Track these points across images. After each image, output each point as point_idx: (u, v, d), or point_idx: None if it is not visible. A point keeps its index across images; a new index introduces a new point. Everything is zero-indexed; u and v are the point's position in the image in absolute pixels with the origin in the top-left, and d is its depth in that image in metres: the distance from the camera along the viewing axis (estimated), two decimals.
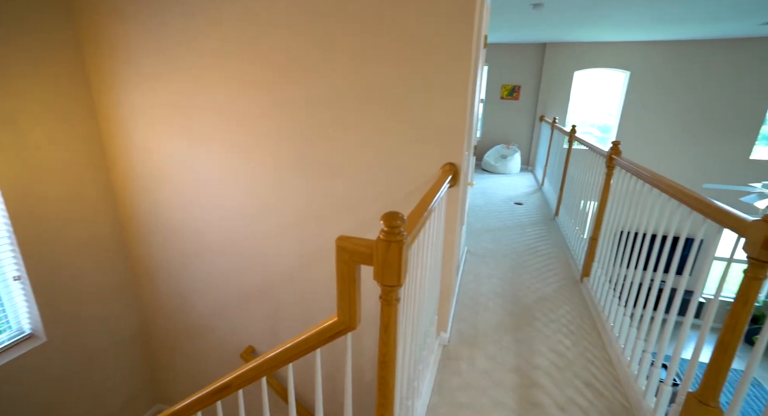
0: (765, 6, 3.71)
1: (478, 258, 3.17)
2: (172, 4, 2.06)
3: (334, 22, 1.82)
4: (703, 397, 1.26)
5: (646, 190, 1.99)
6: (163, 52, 2.19)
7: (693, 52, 5.88)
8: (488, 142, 7.42)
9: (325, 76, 1.92)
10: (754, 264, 1.13)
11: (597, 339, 2.19)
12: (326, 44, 1.87)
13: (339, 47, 1.85)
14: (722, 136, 6.02)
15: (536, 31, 5.46)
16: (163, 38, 2.15)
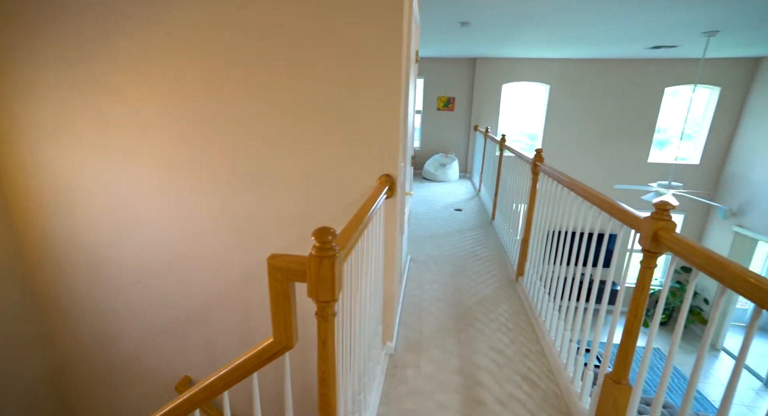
0: (649, 34, 4.32)
1: (421, 264, 3.26)
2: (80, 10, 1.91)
3: (265, 36, 1.80)
4: (616, 377, 1.41)
5: (565, 193, 2.20)
6: (73, 62, 2.00)
7: (599, 68, 6.64)
8: (428, 151, 7.70)
9: (258, 90, 1.88)
10: (647, 256, 1.30)
11: (532, 333, 2.35)
12: (256, 57, 1.84)
13: (271, 61, 1.84)
14: (626, 143, 6.83)
15: (466, 47, 5.83)
16: (73, 46, 1.98)
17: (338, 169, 1.91)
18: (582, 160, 7.06)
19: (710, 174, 6.67)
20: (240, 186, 2.05)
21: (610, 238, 6.42)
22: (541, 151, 2.78)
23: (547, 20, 3.93)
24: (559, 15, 3.70)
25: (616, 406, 1.42)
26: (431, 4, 3.44)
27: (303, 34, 1.77)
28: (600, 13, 3.59)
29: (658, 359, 6.12)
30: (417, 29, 2.62)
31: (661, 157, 7.01)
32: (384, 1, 1.67)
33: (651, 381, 5.63)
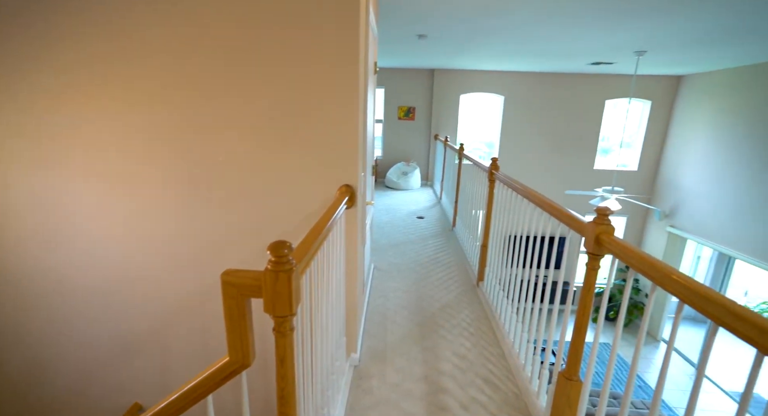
0: (589, 51, 4.69)
1: (385, 273, 3.27)
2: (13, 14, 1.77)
3: (219, 45, 1.76)
4: (568, 373, 1.48)
5: (519, 199, 2.31)
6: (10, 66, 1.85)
7: (548, 81, 7.08)
8: (390, 160, 7.79)
9: (211, 100, 1.83)
10: (591, 257, 1.39)
11: (492, 337, 2.43)
12: (208, 67, 1.79)
13: (225, 71, 1.79)
14: (574, 151, 7.30)
15: (425, 58, 6.00)
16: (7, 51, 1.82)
17: (297, 181, 1.89)
18: (536, 167, 7.44)
19: (647, 179, 7.27)
20: (192, 199, 1.97)
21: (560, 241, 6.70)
22: (496, 159, 2.91)
23: (499, 36, 4.15)
24: (510, 31, 3.92)
25: (569, 401, 1.49)
26: (390, 17, 3.52)
27: (258, 44, 1.75)
28: (546, 32, 3.85)
29: (607, 351, 6.49)
30: (375, 41, 2.67)
31: (606, 163, 7.55)
32: (340, 13, 1.69)
33: (603, 374, 5.96)
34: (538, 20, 3.43)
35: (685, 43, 4.14)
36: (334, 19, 1.70)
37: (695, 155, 6.30)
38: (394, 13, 3.38)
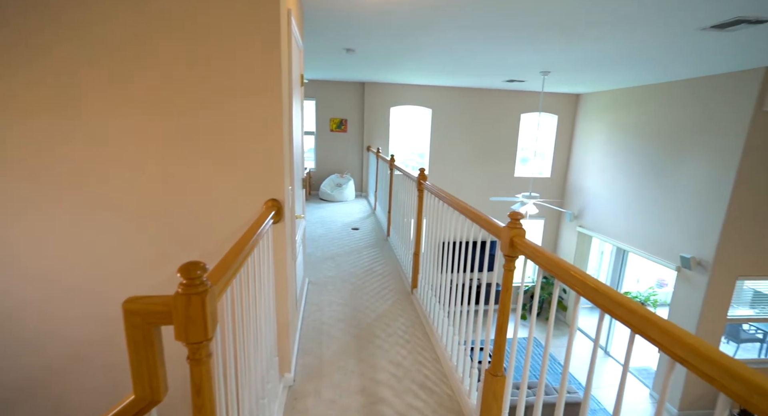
0: (504, 69, 5.15)
1: (320, 286, 3.22)
2: None
3: (131, 53, 1.62)
4: (493, 370, 1.58)
5: (445, 207, 2.43)
6: None
7: (471, 96, 7.60)
8: (323, 172, 7.73)
9: (123, 111, 1.67)
10: (507, 259, 1.51)
11: (427, 342, 2.49)
12: (120, 75, 1.64)
13: (139, 80, 1.65)
14: (497, 160, 7.90)
15: (355, 71, 6.10)
16: None
17: (219, 197, 1.79)
18: (464, 176, 7.90)
19: (558, 185, 8.10)
20: (97, 219, 1.76)
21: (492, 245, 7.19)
22: (423, 170, 3.04)
23: (422, 53, 4.38)
24: (431, 49, 4.15)
25: (495, 396, 1.58)
26: (316, 30, 3.53)
27: (176, 54, 1.65)
28: (465, 51, 4.15)
29: (535, 346, 7.04)
30: (301, 53, 2.66)
31: (525, 171, 8.27)
32: (260, 24, 1.66)
33: (532, 367, 6.42)
34: (457, 39, 3.69)
35: (578, 67, 4.74)
36: (254, 30, 1.66)
37: (594, 163, 7.19)
38: (321, 26, 3.40)
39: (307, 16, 3.06)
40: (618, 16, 2.74)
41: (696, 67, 4.45)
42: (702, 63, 4.22)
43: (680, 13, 2.62)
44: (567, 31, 3.18)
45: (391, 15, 2.98)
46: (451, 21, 3.07)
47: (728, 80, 4.67)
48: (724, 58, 3.95)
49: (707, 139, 4.95)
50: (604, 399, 5.77)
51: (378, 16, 3.04)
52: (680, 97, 5.35)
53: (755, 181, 4.62)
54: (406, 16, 3.00)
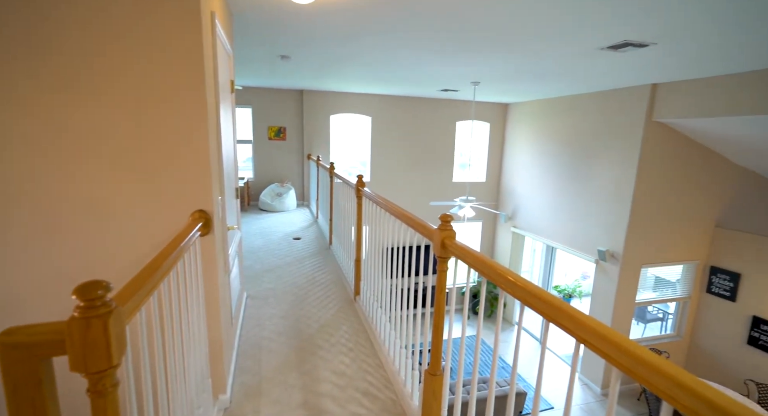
0: (438, 79, 5.39)
1: (260, 300, 3.08)
2: None
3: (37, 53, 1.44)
4: (432, 369, 1.62)
5: (382, 213, 2.46)
6: None
7: (409, 104, 7.83)
8: (263, 181, 7.47)
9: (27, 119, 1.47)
10: (440, 260, 1.57)
11: (370, 348, 2.49)
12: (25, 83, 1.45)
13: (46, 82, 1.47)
14: (436, 166, 8.20)
15: (293, 79, 6.00)
16: None
17: (138, 211, 1.65)
18: (405, 182, 8.08)
19: (493, 188, 8.62)
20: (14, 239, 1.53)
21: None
22: (362, 176, 3.06)
23: (357, 61, 4.43)
24: (366, 58, 4.22)
25: (435, 395, 1.62)
26: (249, 36, 3.42)
27: (89, 59, 1.49)
28: (398, 61, 4.27)
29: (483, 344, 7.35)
30: (230, 58, 2.56)
31: (463, 176, 8.68)
32: (180, 26, 1.57)
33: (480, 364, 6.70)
34: (390, 50, 3.79)
35: (504, 78, 5.11)
36: (173, 32, 1.57)
37: (523, 167, 7.76)
38: (253, 32, 3.30)
39: (237, 21, 2.96)
40: (532, 35, 3.01)
41: (600, 81, 5.01)
42: (604, 78, 4.77)
43: (581, 35, 2.95)
44: (491, 46, 3.42)
45: (323, 23, 2.99)
46: (382, 32, 3.15)
47: (625, 94, 5.33)
48: (621, 75, 4.50)
49: (612, 145, 5.59)
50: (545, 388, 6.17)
51: (310, 24, 3.03)
52: (589, 107, 5.99)
53: (651, 180, 5.29)
54: (338, 25, 3.02)
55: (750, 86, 3.95)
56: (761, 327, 5.24)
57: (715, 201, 5.72)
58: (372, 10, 2.66)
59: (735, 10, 2.29)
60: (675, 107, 4.77)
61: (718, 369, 5.73)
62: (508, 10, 2.50)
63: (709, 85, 4.35)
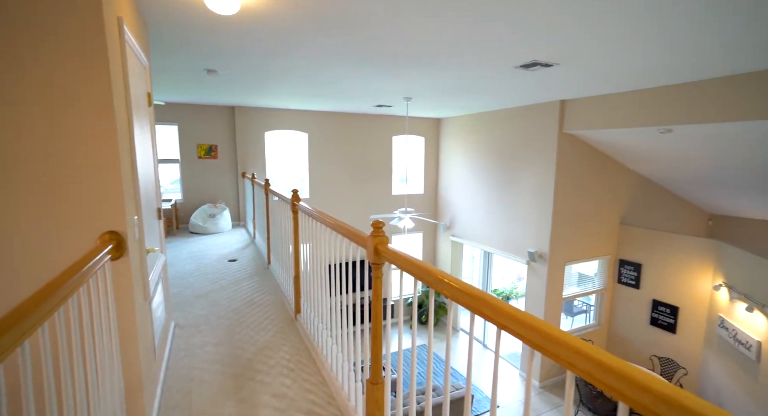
0: (371, 95, 5.54)
1: (190, 328, 2.84)
2: None
3: None
4: (373, 379, 1.61)
5: (318, 225, 2.43)
6: None
7: (346, 120, 7.91)
8: (194, 202, 7.00)
9: None
10: (374, 267, 1.58)
11: (313, 366, 2.41)
12: None
13: None
14: (375, 180, 8.33)
15: (223, 94, 5.77)
16: None
17: (36, 233, 1.45)
18: (345, 197, 8.08)
19: (431, 200, 8.94)
20: None
21: None
22: (297, 191, 3.00)
23: (289, 77, 4.41)
24: (299, 74, 4.22)
25: (378, 404, 1.61)
26: (167, 47, 3.25)
27: None
28: (334, 77, 4.32)
29: (425, 352, 7.44)
30: (145, 70, 2.40)
31: (401, 189, 8.90)
32: (79, 30, 1.44)
33: (425, 373, 6.75)
34: (321, 66, 3.83)
35: (434, 94, 5.40)
36: (75, 39, 1.44)
37: (458, 178, 8.17)
38: (171, 43, 3.14)
39: (154, 31, 2.80)
40: (455, 55, 3.24)
41: (519, 97, 5.51)
42: (522, 95, 5.25)
43: (497, 54, 3.23)
44: (420, 64, 3.61)
45: (251, 38, 2.94)
46: (313, 49, 3.18)
47: (541, 109, 5.91)
48: (535, 92, 5.00)
49: (533, 155, 6.13)
50: (487, 387, 6.39)
51: (236, 38, 2.96)
52: (512, 121, 6.54)
53: (567, 185, 5.87)
54: (266, 40, 2.99)
55: (638, 102, 4.60)
56: (659, 309, 5.98)
57: (619, 201, 6.50)
58: (301, 27, 2.68)
59: (620, 35, 2.68)
60: (580, 121, 5.38)
61: (631, 349, 6.40)
62: (431, 34, 2.67)
63: (605, 101, 4.98)
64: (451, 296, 1.08)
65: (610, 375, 0.64)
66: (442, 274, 1.15)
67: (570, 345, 0.71)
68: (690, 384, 5.76)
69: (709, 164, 5.26)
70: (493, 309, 0.92)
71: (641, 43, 2.82)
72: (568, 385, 0.78)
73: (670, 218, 7.19)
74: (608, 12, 2.28)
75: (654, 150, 5.39)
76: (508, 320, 0.86)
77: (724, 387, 5.08)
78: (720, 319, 5.16)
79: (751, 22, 2.37)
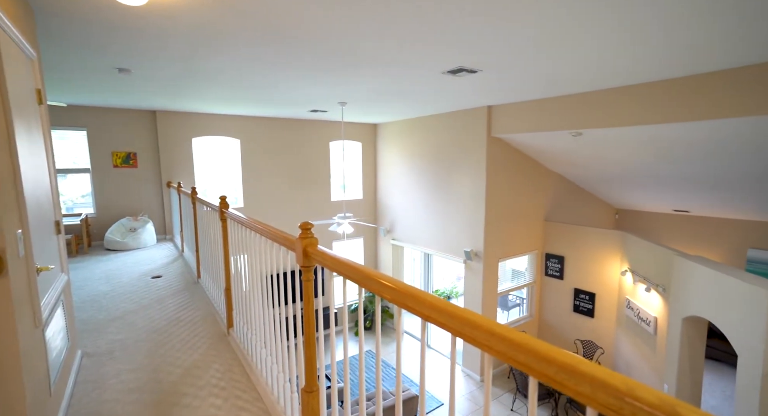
0: (305, 101, 5.43)
1: (102, 356, 2.52)
2: None
3: None
4: (308, 387, 1.54)
5: (247, 232, 2.30)
6: None
7: (281, 126, 7.67)
8: (110, 216, 6.30)
9: None
10: (304, 271, 1.52)
11: (247, 382, 2.26)
12: None
13: None
14: (313, 187, 8.17)
15: (141, 97, 5.28)
16: None
17: None
18: (282, 204, 7.81)
19: (371, 204, 8.99)
20: None
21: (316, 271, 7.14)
22: (225, 197, 2.82)
23: (217, 80, 4.16)
24: (226, 76, 4.00)
25: (314, 412, 1.54)
26: (68, 40, 2.89)
27: None
28: (263, 80, 4.16)
29: (371, 358, 7.41)
30: (33, 63, 2.11)
31: (341, 195, 8.83)
32: None
33: (371, 378, 6.71)
34: (248, 68, 3.67)
35: (368, 99, 5.45)
36: None
37: (396, 182, 8.32)
38: (71, 36, 2.81)
39: (41, 18, 2.46)
40: (386, 60, 3.29)
41: (450, 103, 5.77)
42: (453, 100, 5.51)
43: (424, 61, 3.35)
44: (353, 69, 3.62)
45: (165, 33, 2.73)
46: (238, 49, 3.03)
47: (471, 114, 6.25)
48: (464, 97, 5.27)
49: (466, 158, 6.45)
50: (433, 387, 6.52)
51: (148, 33, 2.73)
52: (445, 126, 6.83)
53: (497, 186, 6.26)
54: (184, 37, 2.80)
55: (554, 108, 5.05)
56: (580, 296, 6.59)
57: (543, 199, 7.07)
58: (222, 26, 2.54)
59: (535, 44, 2.91)
60: (504, 125, 5.78)
61: (559, 336, 6.96)
62: (358, 37, 2.69)
63: (526, 107, 5.41)
64: (377, 291, 1.07)
65: (519, 351, 0.66)
66: (369, 271, 1.14)
67: (485, 327, 0.73)
68: (606, 361, 6.39)
69: (616, 164, 5.94)
70: (415, 300, 0.92)
71: (552, 53, 3.10)
72: (487, 366, 0.80)
73: (585, 213, 7.99)
74: (518, 27, 2.48)
75: (568, 152, 5.96)
76: (431, 310, 0.87)
77: (632, 360, 5.71)
78: (627, 301, 5.81)
79: (646, 31, 2.72)
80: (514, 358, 0.67)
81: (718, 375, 6.84)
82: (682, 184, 5.90)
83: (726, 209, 6.46)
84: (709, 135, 4.08)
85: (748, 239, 6.66)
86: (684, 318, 4.46)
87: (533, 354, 0.64)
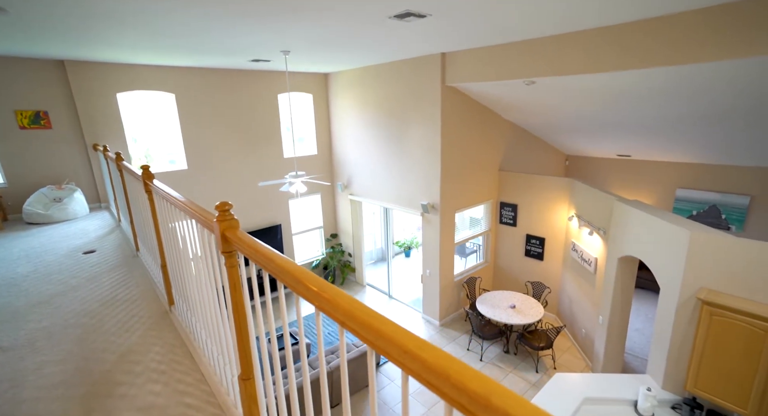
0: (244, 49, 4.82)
1: (21, 349, 2.29)
2: None
3: None
4: (244, 375, 1.45)
5: (173, 209, 2.06)
6: None
7: (221, 78, 6.91)
8: (24, 186, 5.60)
9: None
10: (226, 256, 1.36)
11: (191, 363, 2.15)
12: None
13: None
14: (263, 144, 7.66)
15: (37, 43, 4.44)
16: None
17: None
18: (231, 164, 7.31)
19: (326, 160, 8.66)
20: None
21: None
22: (147, 167, 2.51)
23: (131, 23, 3.53)
24: (137, 19, 3.38)
25: (252, 398, 1.47)
26: None
27: None
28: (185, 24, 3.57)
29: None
30: None
31: (294, 151, 8.38)
32: None
33: (334, 332, 6.90)
34: (166, 10, 3.11)
35: (312, 46, 4.94)
36: None
37: (351, 136, 7.98)
38: None
39: None
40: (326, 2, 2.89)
41: (402, 50, 5.38)
42: (404, 47, 5.12)
43: (368, 3, 2.99)
44: (291, 11, 3.16)
45: None
46: None
47: (424, 61, 5.91)
48: (417, 44, 4.91)
49: (420, 108, 6.22)
50: None
51: None
52: (399, 74, 6.45)
53: (451, 136, 6.15)
54: None
55: (508, 55, 4.85)
56: (531, 242, 6.96)
57: (497, 149, 7.10)
58: None
59: None
60: (458, 73, 5.53)
61: (511, 279, 7.42)
62: None
63: (480, 55, 5.16)
64: (293, 287, 0.94)
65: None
66: (283, 260, 1.00)
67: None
68: (552, 299, 6.95)
69: (567, 112, 5.97)
70: (332, 305, 0.80)
71: None
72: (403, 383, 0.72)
73: (538, 161, 8.18)
74: None
75: (521, 100, 5.89)
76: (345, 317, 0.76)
77: (574, 296, 6.24)
78: (572, 244, 6.19)
79: None
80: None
81: (644, 301, 7.72)
82: (624, 130, 6.10)
83: (661, 152, 6.84)
84: (643, 82, 4.12)
85: (679, 179, 7.18)
86: (619, 258, 4.82)
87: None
